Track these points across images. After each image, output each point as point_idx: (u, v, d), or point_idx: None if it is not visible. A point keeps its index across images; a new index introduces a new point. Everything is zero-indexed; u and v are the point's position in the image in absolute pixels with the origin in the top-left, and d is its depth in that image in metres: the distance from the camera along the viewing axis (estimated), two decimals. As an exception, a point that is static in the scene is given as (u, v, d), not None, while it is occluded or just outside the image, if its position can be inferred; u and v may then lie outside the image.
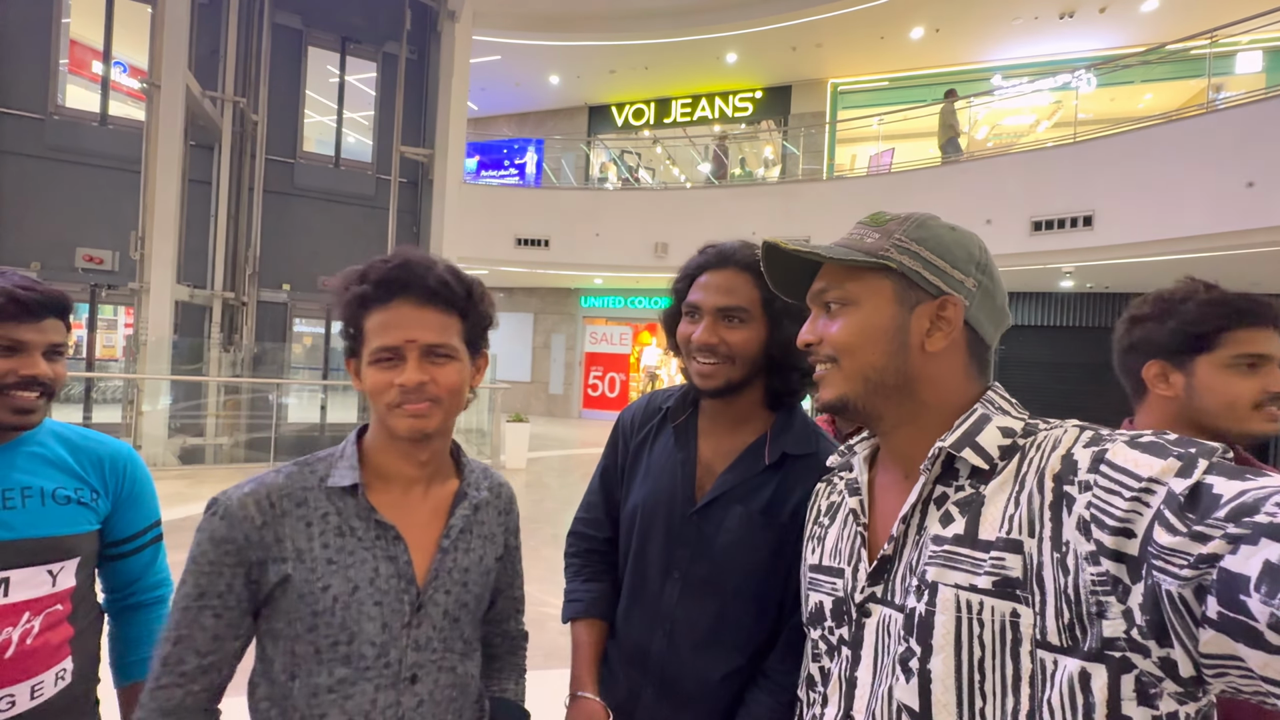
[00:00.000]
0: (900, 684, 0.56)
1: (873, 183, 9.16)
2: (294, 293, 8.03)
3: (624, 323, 12.89)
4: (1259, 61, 9.22)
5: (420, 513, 0.82)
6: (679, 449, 1.00)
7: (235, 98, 7.39)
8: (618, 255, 10.25)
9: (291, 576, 0.73)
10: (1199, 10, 8.95)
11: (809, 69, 11.93)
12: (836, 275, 0.67)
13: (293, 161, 8.05)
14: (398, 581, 0.77)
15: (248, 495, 0.74)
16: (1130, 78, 10.07)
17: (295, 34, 8.09)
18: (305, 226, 8.08)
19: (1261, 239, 5.88)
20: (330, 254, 8.06)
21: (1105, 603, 0.45)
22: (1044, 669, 0.48)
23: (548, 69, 12.62)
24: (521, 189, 11.87)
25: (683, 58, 11.78)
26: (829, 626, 0.68)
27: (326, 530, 0.76)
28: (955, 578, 0.54)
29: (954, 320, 0.63)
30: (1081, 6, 9.53)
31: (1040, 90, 10.25)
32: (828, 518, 0.76)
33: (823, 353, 0.67)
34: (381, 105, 8.49)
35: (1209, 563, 0.39)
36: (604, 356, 12.95)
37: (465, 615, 0.83)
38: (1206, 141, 6.13)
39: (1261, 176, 5.67)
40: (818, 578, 0.72)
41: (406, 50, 8.50)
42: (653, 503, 0.99)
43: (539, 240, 10.43)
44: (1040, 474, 0.53)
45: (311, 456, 0.82)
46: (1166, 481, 0.44)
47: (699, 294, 0.95)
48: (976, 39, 10.59)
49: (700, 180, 12.21)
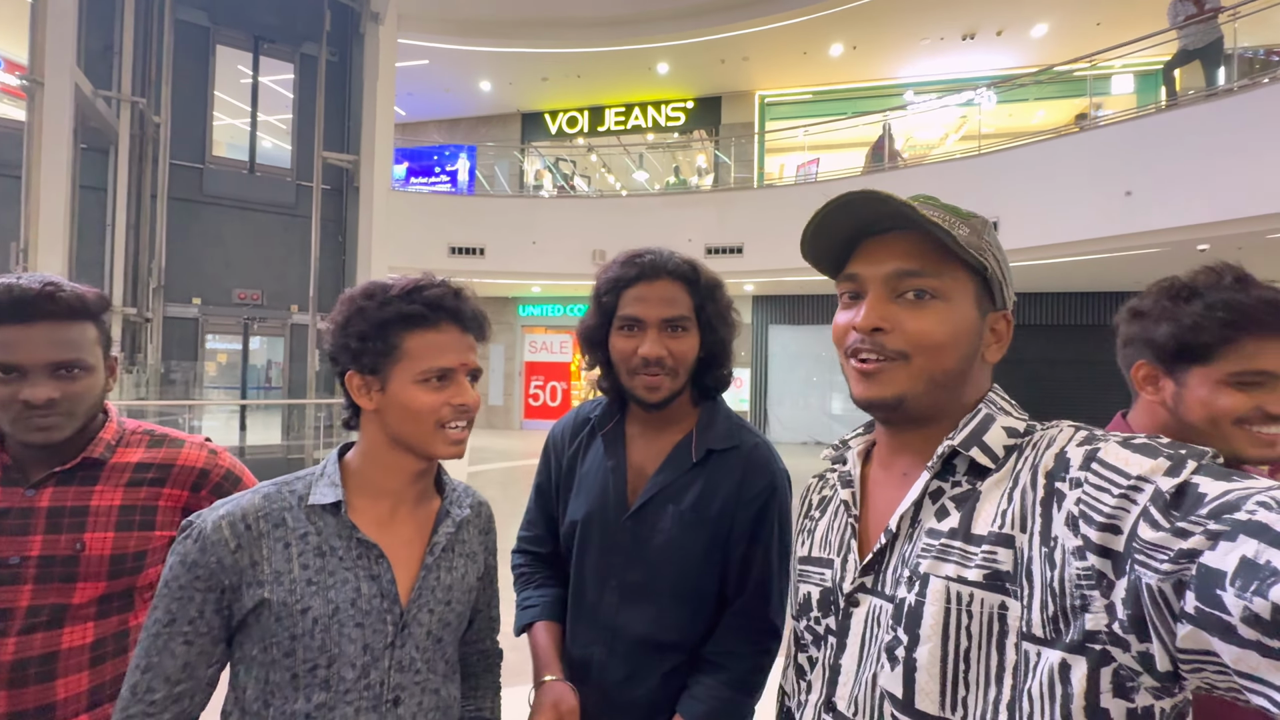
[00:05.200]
0: (885, 672, 0.57)
1: (802, 191, 9.54)
2: (206, 307, 7.48)
3: (564, 331, 12.79)
4: (1131, 84, 10.31)
5: (404, 530, 0.81)
6: (609, 457, 1.01)
7: (133, 98, 6.82)
8: (555, 263, 10.18)
9: (269, 600, 0.70)
10: (1081, 36, 9.92)
11: (738, 81, 12.32)
12: (934, 261, 0.60)
13: (201, 167, 7.51)
14: (380, 601, 0.75)
15: (222, 518, 0.72)
16: (1025, 95, 11.00)
17: (201, 31, 7.57)
18: (217, 236, 7.55)
19: (1139, 242, 6.56)
20: (246, 265, 7.57)
21: (1089, 596, 0.46)
22: (1027, 660, 0.49)
23: (478, 75, 12.41)
24: (454, 196, 11.58)
25: (615, 67, 11.88)
26: (815, 617, 0.68)
27: (306, 550, 0.73)
28: (947, 569, 0.55)
29: (1007, 336, 0.64)
30: (981, 29, 10.33)
31: (948, 106, 11.03)
32: (818, 511, 0.76)
33: (890, 345, 0.60)
34: (300, 109, 8.08)
35: (1189, 558, 0.40)
36: (544, 365, 12.79)
37: (448, 635, 0.82)
38: (1090, 154, 6.78)
39: (1138, 186, 6.33)
40: (806, 569, 0.72)
41: (327, 52, 8.13)
42: (587, 514, 0.99)
43: (474, 249, 10.21)
44: (1034, 471, 0.54)
45: (290, 476, 0.79)
46: (1154, 480, 0.45)
47: (638, 307, 0.95)
48: (890, 57, 11.27)
49: (636, 188, 12.33)
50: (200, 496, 1.02)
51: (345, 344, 0.77)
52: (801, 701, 0.68)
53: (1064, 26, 10.03)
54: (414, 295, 0.77)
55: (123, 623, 0.95)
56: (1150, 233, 6.36)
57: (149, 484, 0.98)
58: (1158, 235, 6.36)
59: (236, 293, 7.42)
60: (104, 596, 0.92)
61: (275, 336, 8.05)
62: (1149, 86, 10.05)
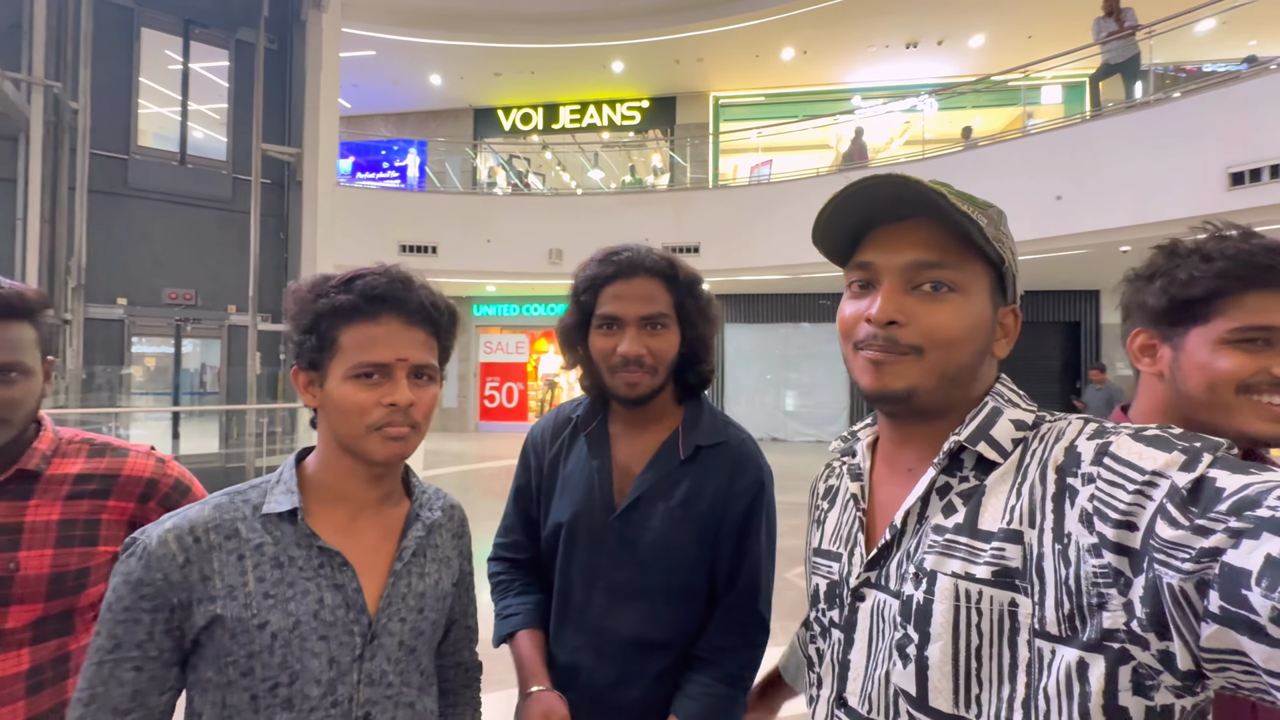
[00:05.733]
0: (897, 669, 0.56)
1: (757, 191, 9.70)
2: (132, 308, 7.01)
3: (520, 330, 12.61)
4: (1059, 94, 10.96)
5: (369, 536, 0.76)
6: (593, 457, 0.99)
7: (47, 81, 6.32)
8: (511, 262, 10.02)
9: (222, 616, 0.66)
10: (1014, 48, 10.46)
11: (692, 82, 12.42)
12: (953, 252, 0.58)
13: (125, 157, 7.02)
14: (346, 612, 0.71)
15: (168, 531, 0.67)
16: (963, 103, 11.52)
17: (124, 12, 7.08)
18: (144, 232, 7.08)
19: (1069, 243, 6.97)
20: (178, 263, 7.13)
21: (1106, 595, 0.45)
22: (1041, 657, 0.49)
23: (428, 68, 12.09)
24: (405, 193, 11.24)
25: (570, 64, 11.78)
26: (822, 609, 0.68)
27: (262, 562, 0.69)
28: (953, 566, 0.54)
29: (1015, 330, 0.62)
30: (923, 39, 10.76)
31: (893, 111, 11.45)
32: (826, 501, 0.75)
33: (904, 339, 0.58)
34: (237, 98, 7.66)
35: (1211, 556, 0.39)
36: (500, 366, 12.58)
37: (422, 644, 0.77)
38: (1023, 160, 7.15)
39: (1067, 190, 6.71)
40: (818, 561, 0.71)
41: (265, 39, 7.74)
42: (573, 516, 0.97)
43: (426, 247, 9.93)
44: (1043, 465, 0.53)
45: (243, 485, 0.75)
46: (1170, 475, 0.44)
47: (617, 305, 0.94)
48: (838, 62, 11.60)
49: (591, 187, 12.27)
50: (148, 508, 0.97)
51: (290, 338, 0.75)
52: (814, 696, 0.67)
53: (999, 38, 10.55)
54: (350, 284, 0.73)
55: (62, 647, 0.89)
56: (1078, 234, 6.77)
57: (91, 496, 0.92)
58: (1085, 237, 6.77)
59: (167, 292, 6.98)
60: (40, 620, 0.86)
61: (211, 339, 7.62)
62: (1075, 97, 10.70)
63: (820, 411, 11.41)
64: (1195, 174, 5.76)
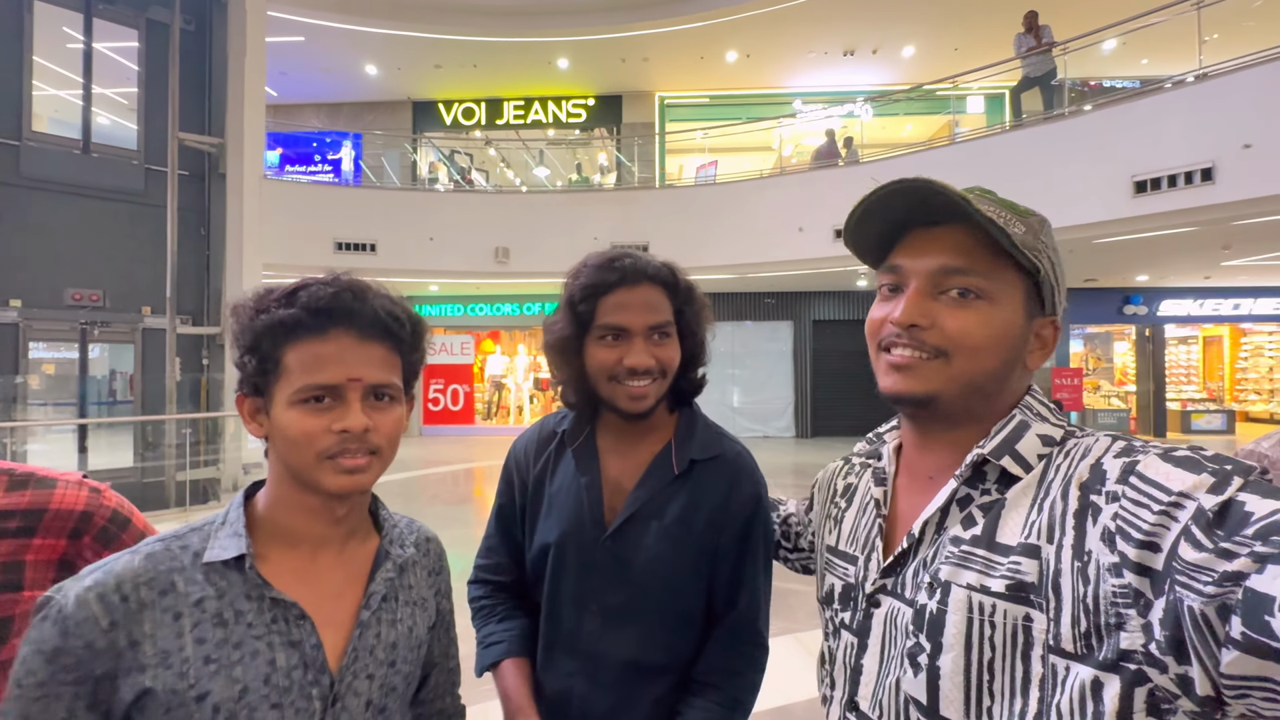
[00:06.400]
0: (908, 677, 0.56)
1: (703, 191, 9.81)
2: (28, 310, 6.33)
3: (465, 331, 12.26)
4: (982, 105, 11.67)
5: (331, 581, 0.67)
6: (581, 472, 0.94)
7: (-82, 56, 5.61)
8: (455, 260, 9.71)
9: (153, 690, 0.55)
10: (942, 59, 11.05)
11: (638, 81, 12.43)
12: (983, 259, 0.57)
13: (17, 144, 6.33)
14: (303, 673, 0.62)
15: (89, 590, 0.57)
16: (896, 110, 12.07)
17: (12, -17, 6.38)
18: (41, 226, 6.40)
19: (995, 246, 7.41)
20: (82, 260, 6.49)
21: (1125, 615, 0.45)
22: (1055, 674, 0.48)
23: (363, 57, 11.54)
24: (340, 187, 10.69)
25: (514, 58, 11.54)
26: (835, 609, 0.67)
27: (202, 620, 0.59)
28: (968, 578, 0.53)
29: (1053, 343, 0.61)
30: (859, 47, 11.18)
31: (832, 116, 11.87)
32: (844, 499, 0.74)
33: (929, 341, 0.58)
34: (149, 83, 7.04)
35: (1234, 581, 0.38)
36: (445, 368, 12.18)
37: (393, 702, 0.69)
38: (951, 166, 7.55)
39: (993, 196, 7.14)
40: (833, 560, 0.70)
41: (180, 19, 7.16)
42: (561, 535, 0.92)
43: (364, 245, 9.48)
44: (1066, 482, 0.52)
45: (183, 529, 0.64)
46: (1197, 496, 0.43)
47: (623, 315, 0.89)
48: (780, 67, 11.90)
49: (536, 184, 12.07)
50: (82, 544, 0.85)
51: (236, 359, 0.66)
52: (827, 696, 0.67)
53: (927, 49, 11.11)
54: (294, 296, 0.64)
55: None
56: None
57: (13, 535, 0.80)
58: (1009, 240, 7.22)
59: (70, 293, 6.35)
60: None
61: (122, 343, 6.99)
62: (996, 108, 11.43)
63: (766, 407, 11.68)
64: (1105, 182, 6.26)
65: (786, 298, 11.51)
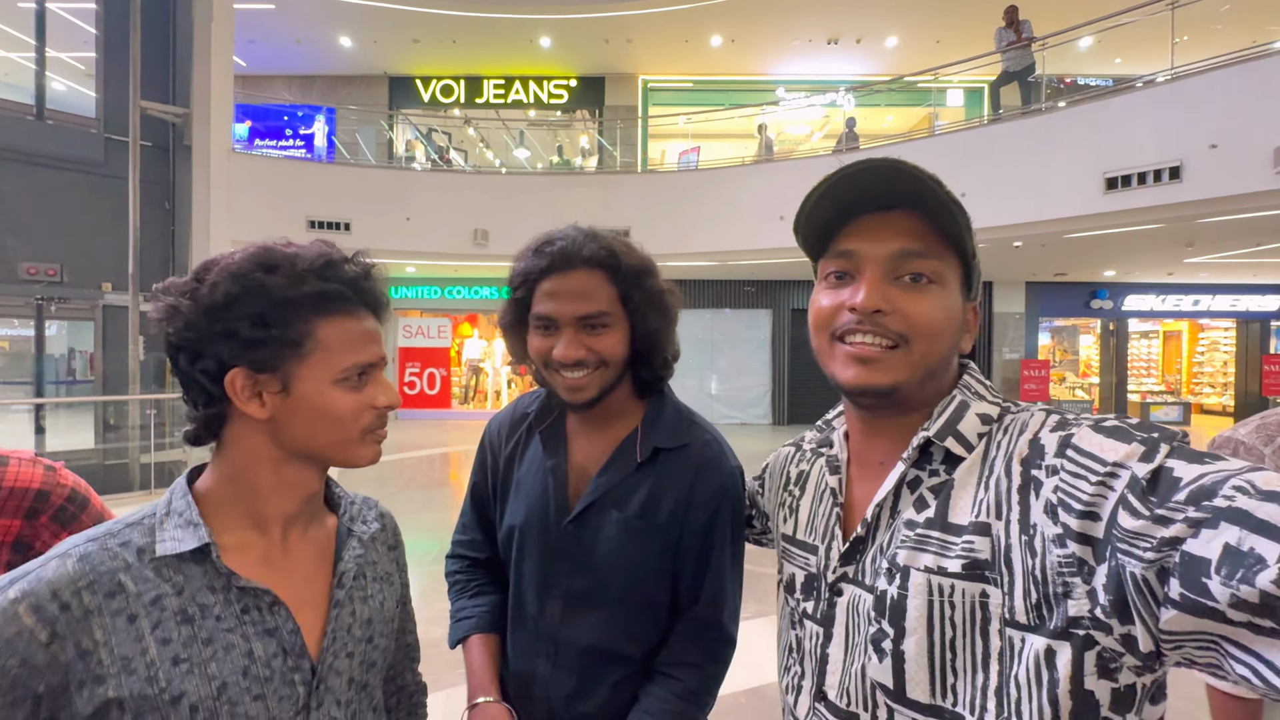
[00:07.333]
0: (873, 663, 0.57)
1: (685, 177, 9.76)
2: (-20, 284, 6.06)
3: (442, 314, 12.07)
4: (961, 98, 11.80)
5: (301, 563, 0.65)
6: (548, 456, 0.92)
7: None
8: (432, 242, 9.52)
9: (118, 699, 0.52)
10: (924, 51, 11.11)
11: (621, 63, 12.24)
12: (935, 244, 0.58)
13: (-36, 107, 6.01)
14: (283, 660, 0.60)
15: (18, 601, 0.51)
16: (878, 101, 12.12)
17: (-43, -65, 6.00)
18: (-8, 196, 6.10)
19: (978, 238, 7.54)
20: (37, 232, 6.21)
21: (1071, 583, 0.47)
22: (1012, 646, 0.50)
23: (337, 28, 11.15)
24: (313, 163, 10.38)
25: (494, 35, 11.26)
26: (798, 599, 0.67)
27: (163, 620, 0.56)
28: (925, 560, 0.55)
29: (975, 327, 0.63)
30: (843, 35, 11.17)
31: (814, 105, 11.87)
32: (797, 487, 0.73)
33: (892, 328, 0.57)
34: (108, 48, 6.71)
35: (1171, 545, 0.41)
36: (421, 351, 12.00)
37: (373, 677, 0.69)
38: (931, 159, 7.58)
39: (971, 188, 7.23)
40: (791, 549, 0.70)
41: (142, -19, 6.81)
42: (526, 519, 0.91)
43: (338, 223, 9.23)
44: (1008, 459, 0.54)
45: (114, 524, 0.59)
46: (1130, 466, 0.46)
47: (549, 304, 0.84)
48: (765, 53, 11.83)
49: (516, 165, 11.87)
50: (38, 525, 0.82)
51: (229, 330, 0.58)
52: (795, 686, 0.67)
53: (910, 40, 11.15)
54: (329, 271, 0.62)
55: None
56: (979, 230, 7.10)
57: None
58: (985, 232, 7.34)
59: (25, 267, 6.08)
60: None
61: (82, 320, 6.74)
62: (975, 102, 11.55)
63: (743, 395, 11.77)
64: (1078, 177, 6.39)
65: (766, 286, 11.56)
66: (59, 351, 6.98)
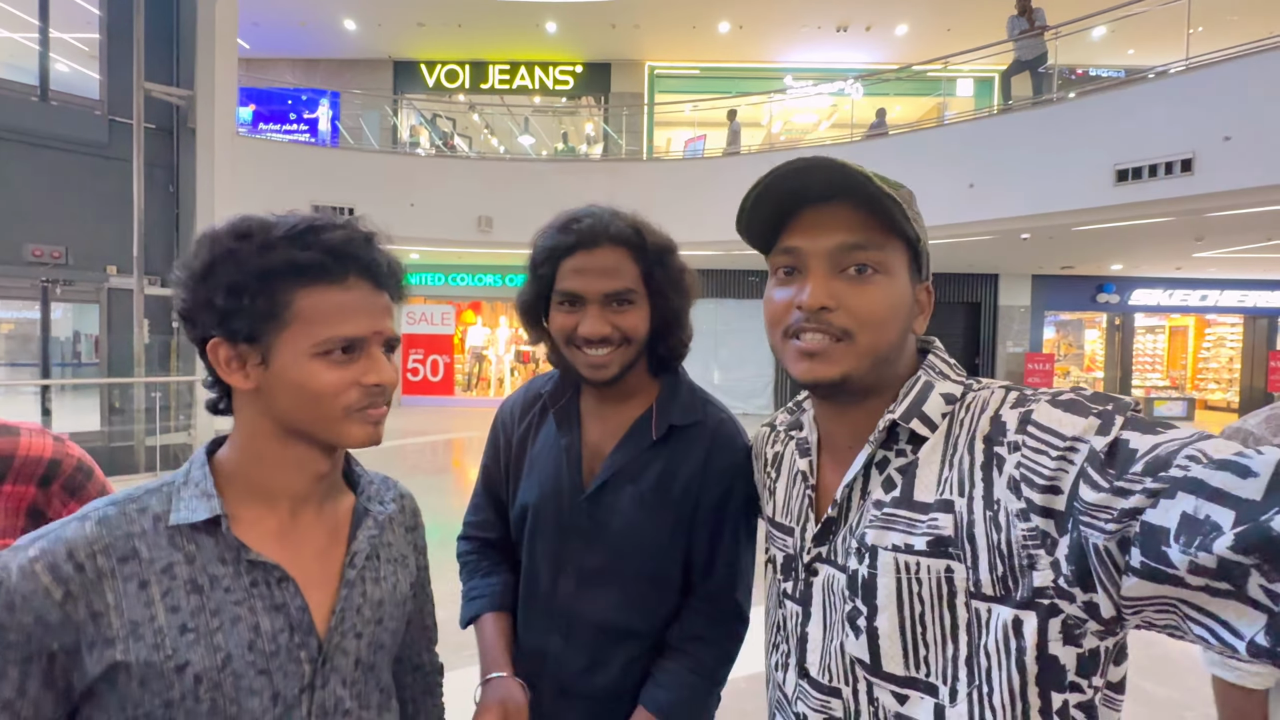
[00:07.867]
0: (850, 640, 0.59)
1: (691, 165, 9.69)
2: (-15, 266, 6.08)
3: (446, 301, 12.07)
4: (970, 88, 11.65)
5: (313, 540, 0.65)
6: (562, 435, 0.93)
7: None
8: (436, 228, 9.50)
9: (125, 663, 0.53)
10: (934, 39, 10.96)
11: (628, 49, 12.12)
12: (876, 233, 0.59)
13: (-32, 88, 5.99)
14: (290, 636, 0.59)
15: (36, 559, 0.52)
16: (887, 90, 11.99)
17: (-41, -88, 5.95)
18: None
19: (980, 229, 7.48)
20: (42, 215, 6.20)
21: (1035, 555, 0.49)
22: (979, 617, 0.52)
23: (342, 11, 11.05)
24: (317, 148, 10.34)
25: (500, 20, 11.15)
26: (779, 579, 0.70)
27: (174, 587, 0.56)
28: (893, 539, 0.57)
29: (929, 306, 0.65)
30: (853, 23, 11.03)
31: (822, 94, 11.75)
32: (774, 469, 0.76)
33: (836, 323, 0.59)
34: (112, 29, 6.67)
35: (1131, 516, 0.43)
36: (424, 338, 12.02)
37: (382, 659, 0.68)
38: (940, 149, 7.56)
39: (979, 179, 7.18)
40: (772, 531, 0.73)
41: (145, -39, 6.75)
42: (540, 497, 0.92)
43: (341, 208, 9.21)
44: (971, 436, 0.56)
45: (136, 490, 0.60)
46: (1088, 439, 0.48)
47: (577, 280, 0.85)
48: (773, 40, 11.69)
49: (521, 152, 11.80)
50: (50, 492, 0.84)
51: (207, 299, 0.58)
52: (782, 664, 0.69)
53: (921, 28, 11.00)
54: (308, 236, 0.59)
55: None
56: (986, 221, 7.28)
57: None
58: (992, 224, 7.29)
59: (30, 249, 6.09)
60: None
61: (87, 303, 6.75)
62: (984, 91, 11.41)
63: (746, 385, 11.77)
64: (1088, 169, 6.31)
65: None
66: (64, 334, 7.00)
